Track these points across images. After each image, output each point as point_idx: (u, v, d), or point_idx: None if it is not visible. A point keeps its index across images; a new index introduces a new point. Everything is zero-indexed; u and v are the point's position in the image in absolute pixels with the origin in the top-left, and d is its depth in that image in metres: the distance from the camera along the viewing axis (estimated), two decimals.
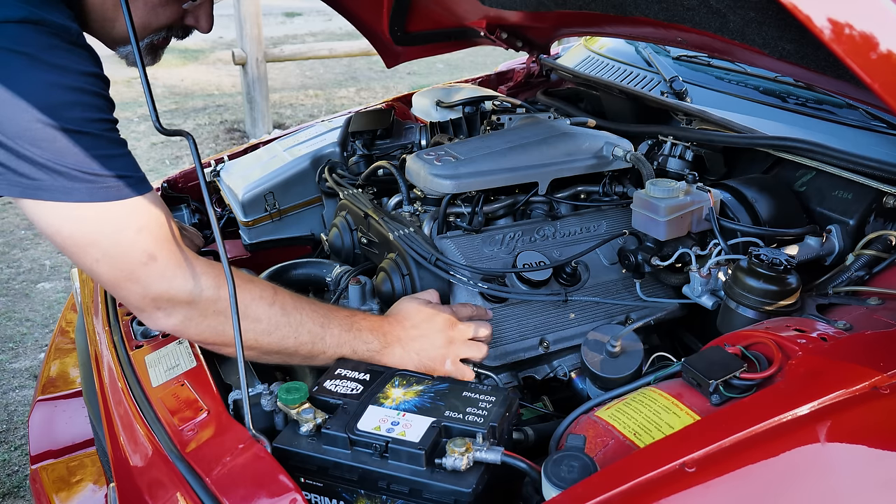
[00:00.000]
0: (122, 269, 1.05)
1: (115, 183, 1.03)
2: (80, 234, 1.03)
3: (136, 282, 1.06)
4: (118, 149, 1.05)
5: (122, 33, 1.19)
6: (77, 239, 1.03)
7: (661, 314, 1.42)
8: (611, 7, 1.48)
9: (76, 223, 1.02)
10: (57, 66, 0.99)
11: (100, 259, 1.04)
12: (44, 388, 1.90)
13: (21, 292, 3.66)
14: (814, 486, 0.87)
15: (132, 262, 1.04)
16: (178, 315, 1.09)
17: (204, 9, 1.27)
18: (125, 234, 1.04)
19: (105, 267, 1.05)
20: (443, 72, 8.11)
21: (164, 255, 1.06)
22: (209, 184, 2.11)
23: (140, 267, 1.05)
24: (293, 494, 0.90)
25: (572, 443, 0.92)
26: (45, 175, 0.98)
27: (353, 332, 1.21)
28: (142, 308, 1.09)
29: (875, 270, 1.25)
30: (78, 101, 1.00)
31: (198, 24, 1.28)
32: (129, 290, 1.07)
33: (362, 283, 1.44)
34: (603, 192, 1.62)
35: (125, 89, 7.06)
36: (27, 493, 2.41)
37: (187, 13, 1.26)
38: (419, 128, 1.96)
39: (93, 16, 1.15)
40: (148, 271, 1.05)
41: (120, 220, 1.04)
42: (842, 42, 0.85)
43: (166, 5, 1.21)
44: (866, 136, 1.45)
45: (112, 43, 1.23)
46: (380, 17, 2.11)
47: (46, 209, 1.01)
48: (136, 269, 1.05)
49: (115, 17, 1.16)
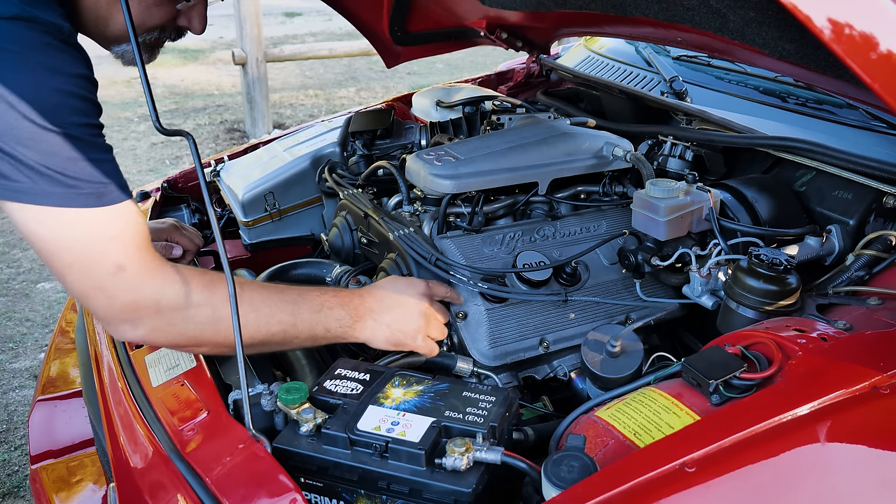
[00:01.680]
0: (90, 277, 1.04)
1: (94, 189, 1.02)
2: (53, 238, 1.02)
3: (103, 291, 1.05)
4: (102, 154, 1.04)
5: (115, 32, 1.18)
6: (51, 243, 1.02)
7: (661, 314, 1.42)
8: (611, 7, 1.48)
9: (52, 227, 1.01)
10: (47, 66, 0.98)
11: (71, 265, 1.03)
12: (44, 388, 1.90)
13: (21, 292, 3.66)
14: (814, 486, 0.87)
15: (100, 271, 1.04)
16: (146, 325, 1.09)
17: (197, 10, 1.27)
18: (98, 243, 1.03)
19: (75, 275, 1.04)
20: (443, 72, 8.11)
21: (133, 266, 1.05)
22: (209, 184, 2.11)
23: (108, 277, 1.04)
24: (293, 494, 0.90)
25: (572, 443, 0.92)
26: (25, 177, 0.97)
27: (323, 312, 1.21)
28: (108, 319, 1.09)
29: (875, 270, 1.26)
30: (66, 105, 0.99)
31: (191, 25, 1.28)
32: (96, 299, 1.06)
33: (362, 283, 1.45)
34: (603, 192, 1.62)
35: (125, 89, 7.05)
36: (27, 493, 2.41)
37: (180, 14, 1.25)
38: (419, 128, 1.96)
39: (86, 15, 1.14)
40: (115, 282, 1.04)
41: (94, 228, 1.03)
42: (842, 42, 0.85)
43: (160, 5, 1.20)
44: (866, 136, 1.45)
45: (106, 42, 1.22)
46: (380, 17, 2.11)
47: (24, 211, 1.00)
48: (104, 280, 1.04)
49: (109, 16, 1.16)
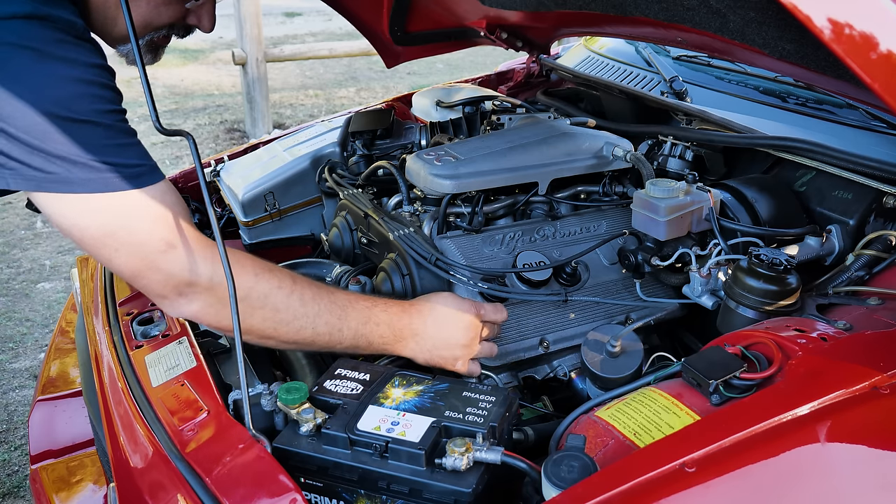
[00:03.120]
0: (141, 258, 1.05)
1: (129, 172, 1.03)
2: (96, 225, 1.03)
3: (157, 270, 1.06)
4: (130, 139, 1.06)
5: (123, 31, 1.19)
6: (94, 231, 1.03)
7: (661, 314, 1.42)
8: (611, 7, 1.48)
9: (93, 214, 1.02)
10: (65, 58, 0.99)
11: (119, 249, 1.04)
12: (44, 388, 1.90)
13: (21, 292, 3.66)
14: (814, 486, 0.87)
15: (151, 250, 1.05)
16: (199, 301, 1.10)
17: (206, 8, 1.27)
18: (142, 224, 1.04)
19: (124, 257, 1.05)
20: (443, 72, 8.11)
21: (182, 242, 1.07)
22: (209, 184, 2.11)
23: (159, 255, 1.05)
24: (293, 494, 0.90)
25: (572, 443, 0.92)
26: (59, 167, 0.98)
27: (369, 326, 1.22)
28: (164, 295, 1.10)
29: (875, 270, 1.25)
30: (88, 93, 1.01)
31: (200, 23, 1.29)
32: (150, 278, 1.07)
33: (362, 283, 1.45)
34: (603, 192, 1.62)
35: (125, 89, 6.94)
36: (27, 493, 2.41)
37: (190, 13, 1.26)
38: (419, 128, 1.96)
39: (95, 14, 1.16)
40: (168, 259, 1.06)
41: (136, 210, 1.04)
42: (842, 42, 0.85)
43: (169, 4, 1.21)
44: (866, 136, 1.45)
45: (113, 41, 1.23)
46: (380, 17, 2.10)
47: (62, 202, 1.01)
48: (155, 258, 1.05)
49: (117, 15, 1.16)
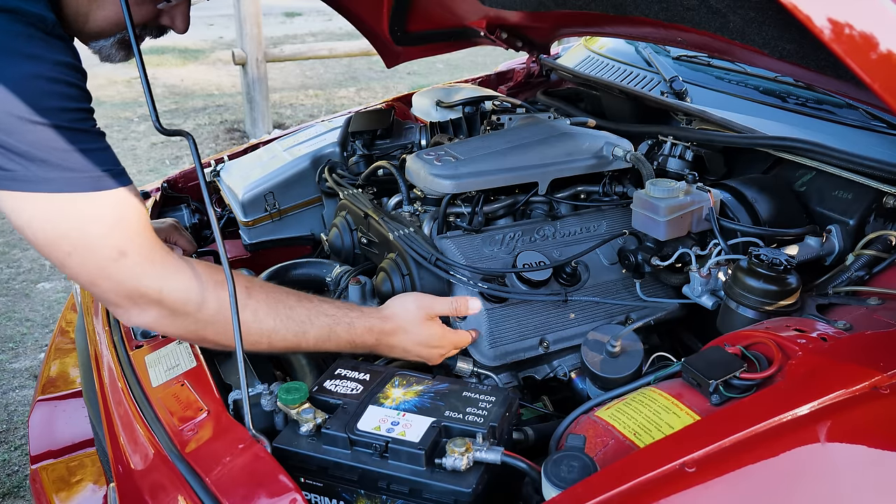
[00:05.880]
0: (93, 263, 1.03)
1: (90, 174, 1.00)
2: (50, 226, 1.00)
3: (108, 278, 1.04)
4: (94, 140, 1.03)
5: (94, 28, 1.17)
6: (48, 231, 1.01)
7: (661, 314, 1.42)
8: (611, 7, 1.48)
9: (48, 215, 0.99)
10: (32, 55, 0.97)
11: (71, 253, 1.02)
12: (44, 388, 1.90)
13: (21, 292, 3.66)
14: (814, 486, 0.87)
15: (103, 257, 1.02)
16: (152, 312, 1.08)
17: (180, 9, 1.25)
18: (96, 228, 1.02)
19: (76, 262, 1.03)
20: (443, 72, 8.11)
21: (135, 252, 1.04)
22: (209, 184, 2.11)
23: (111, 263, 1.03)
24: (293, 494, 0.90)
25: (572, 443, 0.92)
26: (18, 165, 0.96)
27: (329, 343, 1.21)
28: (117, 304, 1.08)
29: (875, 270, 1.26)
30: (53, 91, 0.98)
31: (173, 24, 1.26)
32: (101, 286, 1.05)
33: (362, 283, 1.45)
34: (603, 192, 1.62)
35: (125, 89, 7.05)
36: (27, 493, 2.41)
37: (162, 13, 1.23)
38: (419, 128, 1.96)
39: (66, 10, 1.13)
40: (118, 267, 1.03)
41: (92, 213, 1.01)
42: (842, 42, 0.85)
43: (141, 4, 1.18)
44: (866, 136, 1.45)
45: (86, 37, 1.20)
46: (380, 17, 2.11)
47: (18, 200, 0.98)
48: (107, 265, 1.03)
49: (89, 11, 1.14)
